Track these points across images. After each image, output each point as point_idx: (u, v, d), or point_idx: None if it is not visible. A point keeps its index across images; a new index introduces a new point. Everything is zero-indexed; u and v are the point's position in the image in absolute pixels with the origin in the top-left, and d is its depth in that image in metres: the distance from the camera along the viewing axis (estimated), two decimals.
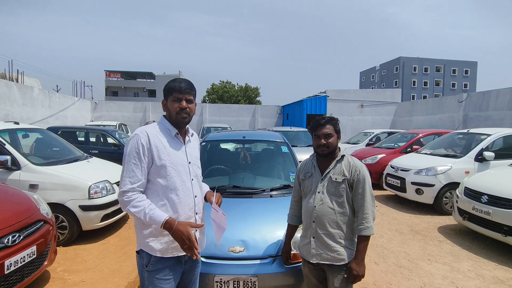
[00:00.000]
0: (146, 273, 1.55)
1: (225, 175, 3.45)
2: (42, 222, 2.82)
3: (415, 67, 57.46)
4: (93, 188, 3.91)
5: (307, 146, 8.16)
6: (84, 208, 3.83)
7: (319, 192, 1.82)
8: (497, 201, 3.77)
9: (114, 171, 4.58)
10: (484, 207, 3.88)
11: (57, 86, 35.07)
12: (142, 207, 1.45)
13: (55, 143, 5.10)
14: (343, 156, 1.85)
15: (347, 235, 1.80)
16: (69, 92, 32.02)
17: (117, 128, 12.64)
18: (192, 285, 1.75)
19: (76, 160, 4.61)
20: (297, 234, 2.12)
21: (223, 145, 4.18)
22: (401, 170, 6.05)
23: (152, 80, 50.47)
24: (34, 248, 2.57)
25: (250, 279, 2.07)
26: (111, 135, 8.29)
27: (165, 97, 1.63)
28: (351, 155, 1.96)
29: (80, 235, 4.02)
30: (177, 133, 1.63)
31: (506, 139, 5.80)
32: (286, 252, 2.08)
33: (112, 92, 49.32)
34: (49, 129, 6.95)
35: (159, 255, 1.53)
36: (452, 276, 3.26)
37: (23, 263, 2.43)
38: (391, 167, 6.43)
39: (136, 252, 1.62)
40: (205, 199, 1.77)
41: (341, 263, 1.77)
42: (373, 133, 11.24)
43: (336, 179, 1.79)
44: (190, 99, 1.61)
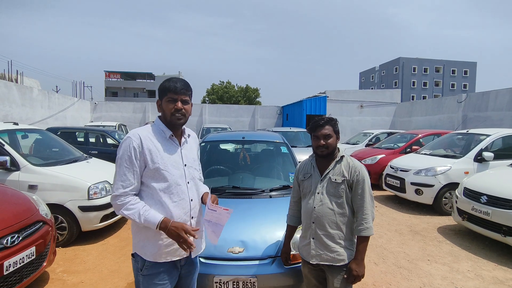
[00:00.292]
0: (141, 277, 1.53)
1: (224, 175, 3.45)
2: (41, 223, 2.81)
3: (414, 68, 57.53)
4: (93, 188, 3.91)
5: (307, 146, 8.17)
6: (84, 208, 3.83)
7: (318, 193, 1.82)
8: (496, 202, 3.78)
9: (114, 172, 4.56)
10: (484, 207, 3.88)
11: (57, 86, 35.12)
12: (136, 209, 1.43)
13: (55, 143, 5.10)
14: (342, 157, 1.85)
15: (347, 235, 1.80)
16: (69, 92, 32.07)
17: (116, 129, 12.63)
18: None
19: (75, 160, 4.61)
20: (297, 234, 2.12)
21: (222, 146, 4.18)
22: (401, 170, 6.06)
23: (152, 81, 50.52)
24: (33, 249, 2.56)
25: (250, 280, 2.07)
26: (110, 136, 8.29)
27: (159, 97, 1.57)
28: (350, 155, 1.96)
29: (80, 236, 4.02)
30: (171, 135, 1.57)
31: (506, 139, 5.81)
32: (286, 253, 2.08)
33: (111, 93, 49.33)
34: (49, 129, 6.93)
35: (152, 260, 1.50)
36: (452, 277, 3.26)
37: (22, 264, 2.43)
38: (391, 167, 6.43)
39: (131, 255, 1.60)
40: (202, 201, 1.72)
41: (341, 263, 1.77)
42: (373, 133, 11.26)
43: (335, 180, 1.79)
44: (185, 100, 1.54)
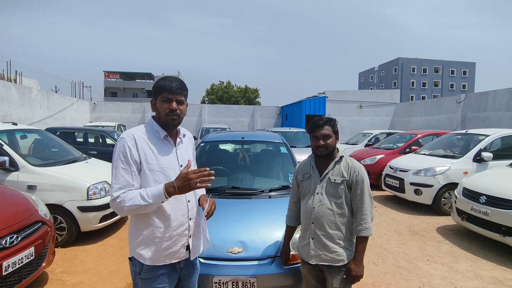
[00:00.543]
0: (139, 281, 1.50)
1: (224, 175, 3.45)
2: (40, 223, 2.81)
3: (413, 68, 57.58)
4: (92, 189, 3.91)
5: (306, 146, 8.17)
6: (83, 209, 3.83)
7: (317, 193, 1.82)
8: (495, 202, 3.78)
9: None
10: (483, 207, 3.89)
11: (56, 86, 34.98)
12: (136, 194, 1.37)
13: (54, 144, 5.09)
14: (341, 157, 1.85)
15: (346, 236, 1.80)
16: (68, 92, 32.04)
17: (116, 129, 12.62)
18: None
19: (74, 161, 4.60)
20: (296, 235, 2.12)
21: (222, 146, 4.18)
22: (400, 170, 6.06)
23: (151, 81, 50.44)
24: (32, 249, 2.56)
25: (249, 280, 2.07)
26: (109, 136, 8.27)
27: (154, 96, 1.52)
28: (350, 155, 1.96)
29: (79, 236, 4.02)
30: (166, 135, 1.52)
31: (504, 139, 5.83)
32: (285, 253, 2.08)
33: (111, 93, 49.27)
34: (48, 130, 6.92)
35: (150, 264, 1.47)
36: (451, 277, 3.27)
37: (21, 264, 2.42)
38: (390, 167, 6.44)
39: (128, 258, 1.56)
40: (199, 203, 1.67)
41: (340, 264, 1.77)
42: (372, 133, 11.26)
43: (335, 180, 1.79)
44: (181, 100, 1.50)
